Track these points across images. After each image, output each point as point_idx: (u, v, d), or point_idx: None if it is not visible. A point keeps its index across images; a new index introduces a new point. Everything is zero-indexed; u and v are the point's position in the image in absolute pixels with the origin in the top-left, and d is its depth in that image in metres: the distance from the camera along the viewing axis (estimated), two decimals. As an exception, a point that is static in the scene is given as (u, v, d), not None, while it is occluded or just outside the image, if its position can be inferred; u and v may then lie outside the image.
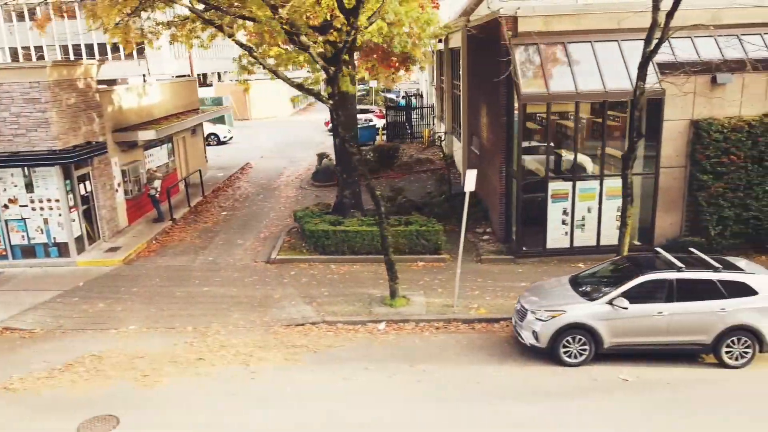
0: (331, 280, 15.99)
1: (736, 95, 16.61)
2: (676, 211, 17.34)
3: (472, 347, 12.57)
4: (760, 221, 16.82)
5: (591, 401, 10.53)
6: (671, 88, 16.36)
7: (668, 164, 17.04)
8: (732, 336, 11.33)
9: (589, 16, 16.88)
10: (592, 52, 16.81)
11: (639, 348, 11.58)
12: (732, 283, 11.39)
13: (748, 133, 16.42)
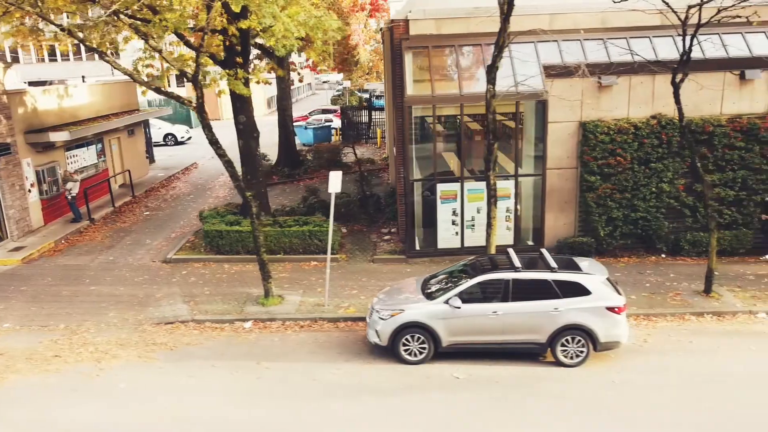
0: (218, 280, 16.27)
1: (624, 97, 16.80)
2: (570, 211, 17.54)
3: (327, 345, 12.82)
4: (649, 222, 17.01)
5: (419, 399, 10.77)
6: (558, 90, 16.64)
7: (560, 165, 17.25)
8: (566, 335, 11.55)
9: (479, 20, 17.04)
10: (481, 56, 17.04)
11: (477, 347, 11.81)
12: (566, 283, 11.60)
13: (635, 134, 16.61)
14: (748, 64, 16.50)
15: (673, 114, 16.70)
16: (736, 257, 17.12)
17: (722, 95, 16.83)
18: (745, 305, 14.15)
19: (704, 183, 14.32)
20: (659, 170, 16.74)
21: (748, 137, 16.69)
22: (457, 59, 16.97)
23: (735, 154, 16.69)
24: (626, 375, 11.44)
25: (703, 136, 16.66)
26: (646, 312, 14.00)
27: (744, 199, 16.99)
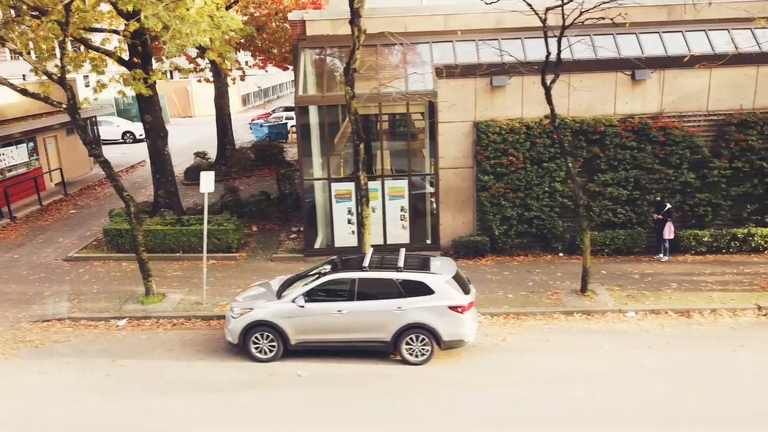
0: (111, 278, 16.48)
1: (517, 97, 16.92)
2: (468, 210, 17.67)
3: (191, 343, 13.01)
4: (543, 221, 17.13)
5: (253, 396, 10.96)
6: (451, 90, 16.76)
7: (456, 165, 17.38)
8: (410, 334, 11.71)
9: (375, 20, 17.17)
10: (376, 56, 17.16)
11: (324, 345, 11.99)
12: (410, 282, 11.75)
13: (527, 134, 16.73)
14: (640, 64, 16.61)
15: (567, 113, 16.93)
16: (631, 256, 17.25)
17: (615, 95, 16.94)
18: (617, 304, 14.27)
19: (575, 182, 14.43)
20: (552, 170, 16.86)
21: (640, 137, 16.80)
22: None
23: (627, 154, 16.80)
24: (468, 373, 11.61)
25: (594, 135, 16.78)
26: (518, 311, 14.14)
27: (638, 198, 17.11)
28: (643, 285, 15.28)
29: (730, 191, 17.01)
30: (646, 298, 14.57)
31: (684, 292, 14.83)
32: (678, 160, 16.82)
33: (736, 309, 14.02)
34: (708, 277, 15.69)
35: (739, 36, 16.84)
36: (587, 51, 16.79)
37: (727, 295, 14.56)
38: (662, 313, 13.98)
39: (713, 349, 12.31)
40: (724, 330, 13.20)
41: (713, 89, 16.83)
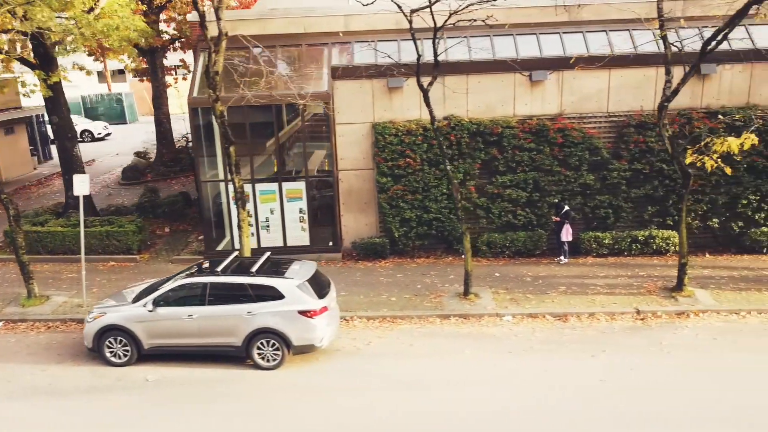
0: (3, 280, 16.49)
1: (415, 99, 16.78)
2: (371, 212, 17.60)
3: (56, 347, 12.98)
4: (442, 223, 17.06)
5: (93, 400, 10.93)
6: (348, 91, 16.69)
7: (356, 167, 17.31)
8: (260, 338, 11.65)
9: (275, 21, 17.12)
10: (276, 58, 17.09)
11: (177, 349, 11.95)
12: (261, 287, 11.70)
13: (424, 136, 16.64)
14: (537, 65, 16.49)
15: (466, 115, 16.84)
16: (533, 258, 17.17)
17: (514, 96, 16.82)
18: (496, 308, 14.19)
19: (453, 185, 14.34)
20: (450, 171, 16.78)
21: (538, 138, 16.69)
22: (251, 60, 17.01)
23: (525, 156, 16.68)
24: (317, 378, 11.55)
25: (492, 137, 16.68)
26: (395, 314, 14.07)
27: (538, 200, 17.01)
28: (532, 288, 15.20)
29: (631, 193, 16.90)
30: (529, 301, 14.49)
31: (569, 295, 14.74)
32: (577, 162, 16.71)
33: (615, 313, 13.93)
34: (600, 279, 15.60)
35: (639, 37, 16.74)
36: (485, 52, 16.67)
37: (611, 299, 14.47)
38: (539, 317, 13.91)
39: (573, 354, 12.22)
40: (594, 334, 13.10)
41: (613, 90, 16.71)
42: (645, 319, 13.71)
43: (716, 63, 16.40)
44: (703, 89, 16.72)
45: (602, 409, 10.24)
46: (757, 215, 16.99)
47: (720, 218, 17.13)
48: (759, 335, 12.85)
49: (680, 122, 16.36)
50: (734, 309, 13.92)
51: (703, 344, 12.53)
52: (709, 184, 16.79)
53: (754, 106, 16.62)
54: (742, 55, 16.36)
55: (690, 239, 17.26)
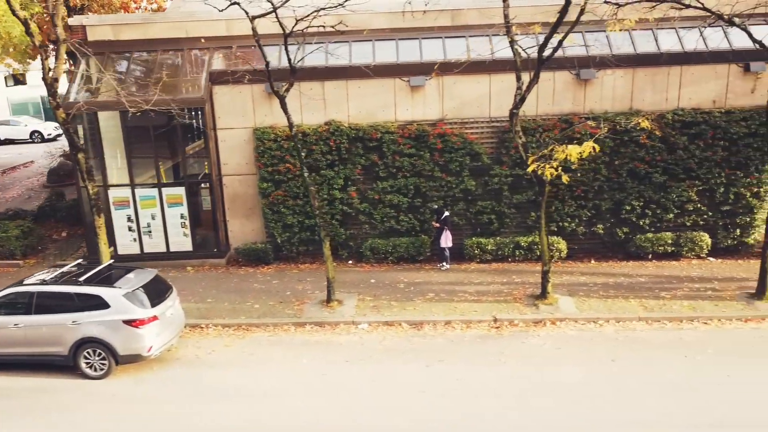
0: None
1: (295, 104, 16.63)
2: (257, 218, 17.52)
3: None
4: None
5: None
6: (227, 96, 16.61)
7: (240, 172, 17.22)
8: (86, 348, 11.59)
9: (157, 26, 17.02)
10: (156, 63, 16.99)
11: (4, 358, 11.90)
12: (87, 296, 11.63)
13: (303, 141, 16.54)
14: (419, 70, 16.37)
15: (347, 120, 16.75)
16: (416, 264, 17.08)
17: (395, 102, 16.71)
18: (355, 315, 14.10)
19: (310, 192, 14.27)
20: (330, 177, 16.67)
21: (419, 144, 16.59)
22: (129, 66, 16.95)
23: (405, 161, 16.57)
24: (143, 388, 11.47)
25: (372, 142, 16.58)
26: (251, 322, 13.99)
27: (420, 206, 16.91)
28: (400, 295, 15.11)
29: (513, 199, 16.80)
30: (391, 309, 14.39)
31: (435, 302, 14.64)
32: (458, 167, 16.61)
33: (472, 321, 13.83)
34: (473, 286, 15.50)
35: (521, 42, 16.60)
36: (365, 57, 16.57)
37: (474, 306, 14.37)
38: (396, 324, 13.82)
39: (409, 363, 12.12)
40: (442, 343, 13.01)
41: (495, 95, 16.60)
42: (500, 327, 13.62)
43: (595, 68, 16.31)
44: (585, 94, 16.61)
45: (402, 419, 10.20)
46: (642, 221, 16.88)
47: (605, 224, 17.04)
48: (605, 344, 12.74)
49: (561, 127, 16.28)
50: (593, 317, 13.82)
51: (545, 354, 12.44)
52: (592, 189, 16.71)
53: (637, 111, 16.51)
54: (623, 61, 16.27)
55: (576, 245, 17.32)
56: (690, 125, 16.34)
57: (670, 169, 16.58)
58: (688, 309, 14.07)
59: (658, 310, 14.06)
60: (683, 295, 14.73)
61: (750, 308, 13.99)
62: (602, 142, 15.31)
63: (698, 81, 16.38)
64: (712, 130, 16.33)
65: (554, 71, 16.36)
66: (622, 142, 16.45)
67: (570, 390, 10.96)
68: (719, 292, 14.92)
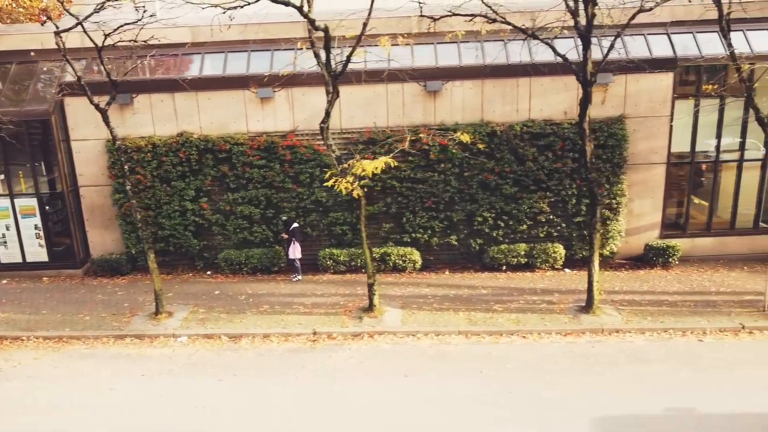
0: None
1: (147, 115, 16.75)
2: (115, 228, 17.55)
3: None
4: (178, 239, 17.00)
5: None
6: (80, 108, 16.64)
7: (97, 183, 17.26)
8: None
9: (12, 38, 17.11)
10: (9, 73, 17.06)
11: None
12: None
13: (153, 152, 16.58)
14: (268, 81, 16.37)
15: (199, 131, 16.79)
16: (270, 275, 17.10)
17: (246, 113, 16.74)
18: (179, 328, 14.06)
19: (132, 206, 14.30)
20: (181, 188, 16.71)
21: (269, 155, 16.62)
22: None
23: (255, 173, 16.61)
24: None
25: (222, 154, 16.61)
26: (73, 334, 13.93)
27: (272, 217, 16.94)
28: (235, 307, 15.12)
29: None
30: (218, 321, 14.40)
31: (265, 314, 14.64)
32: (308, 179, 16.62)
33: (291, 334, 13.82)
34: (313, 298, 15.50)
35: (369, 54, 16.62)
36: (215, 68, 16.63)
37: (302, 318, 14.35)
38: (215, 337, 13.82)
39: (203, 378, 12.06)
40: (251, 357, 12.95)
41: (345, 107, 16.61)
42: (317, 341, 13.60)
43: (443, 80, 16.32)
44: (435, 106, 16.61)
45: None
46: (496, 233, 16.86)
47: (459, 235, 17.02)
48: (411, 359, 12.68)
49: (411, 139, 16.26)
50: (413, 331, 13.80)
51: (344, 368, 12.36)
52: (443, 201, 16.70)
53: (488, 122, 16.50)
54: (472, 72, 16.29)
55: (434, 256, 17.33)
56: (539, 136, 16.34)
57: (520, 181, 16.58)
58: (512, 323, 14.05)
59: (482, 323, 14.05)
60: (516, 308, 14.73)
61: (574, 322, 13.97)
62: (430, 153, 15.40)
63: (548, 92, 16.38)
64: (562, 142, 16.34)
65: (403, 83, 16.42)
66: (472, 154, 16.46)
67: (337, 404, 10.89)
68: (555, 304, 14.91)
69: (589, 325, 13.82)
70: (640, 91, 16.46)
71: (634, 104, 16.53)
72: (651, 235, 17.47)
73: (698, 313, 14.27)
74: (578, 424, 10.12)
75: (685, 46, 16.50)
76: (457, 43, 16.58)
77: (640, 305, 14.79)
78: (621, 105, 16.54)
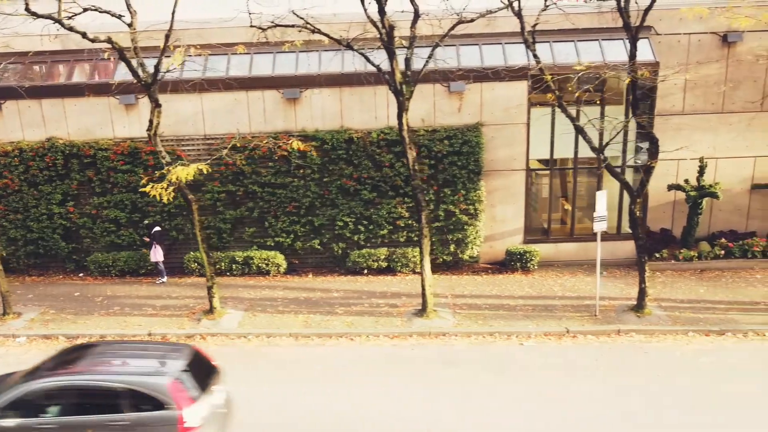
0: None
1: (16, 121, 17.16)
2: (-8, 231, 18.01)
3: None
4: (47, 242, 17.40)
5: None
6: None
7: (-30, 186, 17.72)
8: None
9: None
10: None
11: None
12: None
13: (20, 157, 16.98)
14: (129, 89, 16.73)
15: (67, 137, 17.18)
16: (138, 277, 17.49)
17: (112, 119, 17.13)
18: (21, 328, 14.42)
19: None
20: (48, 192, 17.11)
21: (134, 160, 17.01)
22: None
23: (120, 177, 17.00)
24: None
25: (86, 159, 17.01)
26: None
27: (139, 220, 17.33)
28: (86, 309, 15.47)
29: (227, 214, 17.18)
30: (63, 322, 14.77)
31: (114, 316, 15.00)
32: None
33: (127, 335, 14.14)
34: (167, 300, 15.86)
35: (235, 60, 17.03)
36: (81, 76, 17.05)
37: (144, 320, 14.72)
38: (53, 338, 14.17)
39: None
40: (77, 357, 13.41)
41: (208, 113, 16.99)
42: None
43: (301, 88, 16.68)
44: (296, 113, 16.97)
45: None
46: (357, 237, 17.21)
47: (322, 239, 17.37)
48: (230, 359, 12.79)
49: (269, 145, 16.62)
50: (246, 333, 14.14)
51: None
52: (304, 206, 17.05)
53: (347, 129, 16.86)
54: (330, 80, 16.64)
55: (299, 260, 17.67)
56: (395, 143, 16.67)
57: (379, 186, 16.94)
58: (346, 325, 14.40)
59: (317, 326, 14.40)
60: (357, 311, 15.07)
61: (405, 325, 14.31)
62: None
63: (406, 100, 16.71)
64: (417, 149, 16.67)
65: (263, 90, 16.82)
66: (330, 160, 16.83)
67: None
68: (397, 308, 15.26)
69: (418, 329, 14.17)
70: (496, 99, 16.80)
71: (491, 112, 16.88)
72: (515, 241, 17.80)
73: (531, 317, 14.62)
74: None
75: (541, 55, 16.78)
76: (319, 52, 16.96)
77: (479, 309, 15.13)
78: (478, 113, 16.89)
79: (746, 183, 18.19)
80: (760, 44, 16.82)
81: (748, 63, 17.15)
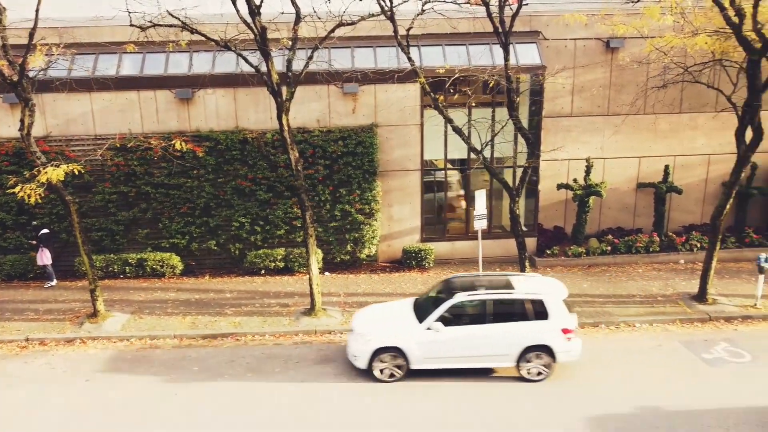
0: None
1: None
2: None
3: None
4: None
5: None
6: None
7: None
8: None
9: None
10: None
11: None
12: None
13: None
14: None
15: (-53, 137, 16.51)
16: (28, 281, 17.01)
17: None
18: None
19: None
20: (-76, 194, 16.49)
21: (20, 161, 16.51)
22: None
23: (4, 178, 16.45)
24: None
25: (-35, 160, 16.48)
26: None
27: (26, 223, 16.86)
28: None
29: (119, 216, 16.91)
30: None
31: (-14, 322, 14.61)
32: (60, 184, 16.59)
33: (4, 341, 13.75)
34: (53, 305, 15.45)
35: (127, 59, 16.78)
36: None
37: (24, 325, 14.28)
38: None
39: None
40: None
41: (99, 113, 16.67)
42: (27, 347, 13.54)
43: (194, 88, 16.58)
44: (190, 113, 16.85)
45: None
46: (254, 237, 17.21)
47: (219, 240, 17.29)
48: (107, 363, 12.80)
49: (162, 145, 16.44)
50: (128, 336, 13.90)
51: (32, 375, 12.39)
52: (198, 207, 16.94)
53: (242, 129, 16.85)
54: (222, 80, 16.59)
55: (196, 261, 17.53)
56: (290, 144, 16.77)
57: (274, 187, 16.98)
58: (233, 326, 14.38)
59: (203, 327, 14.31)
60: (247, 312, 15.03)
61: (293, 324, 14.39)
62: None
63: (300, 101, 16.74)
64: (312, 149, 16.82)
65: (155, 90, 16.62)
66: (225, 160, 16.78)
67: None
68: (288, 307, 15.31)
69: (304, 327, 14.29)
70: (391, 101, 17.10)
71: (386, 113, 17.16)
72: (412, 239, 18.15)
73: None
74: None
75: (433, 58, 17.20)
76: (213, 52, 16.86)
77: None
78: (372, 114, 17.14)
79: (632, 182, 19.09)
80: (640, 50, 17.67)
81: (631, 68, 18.00)
